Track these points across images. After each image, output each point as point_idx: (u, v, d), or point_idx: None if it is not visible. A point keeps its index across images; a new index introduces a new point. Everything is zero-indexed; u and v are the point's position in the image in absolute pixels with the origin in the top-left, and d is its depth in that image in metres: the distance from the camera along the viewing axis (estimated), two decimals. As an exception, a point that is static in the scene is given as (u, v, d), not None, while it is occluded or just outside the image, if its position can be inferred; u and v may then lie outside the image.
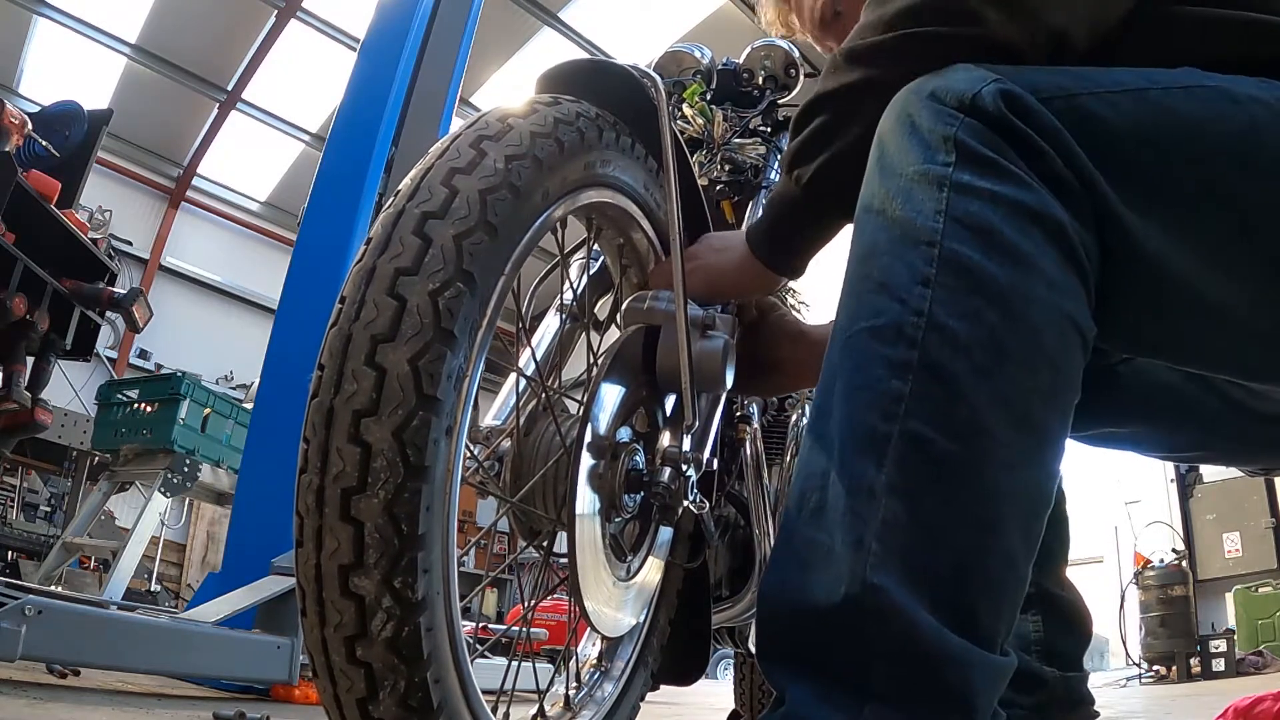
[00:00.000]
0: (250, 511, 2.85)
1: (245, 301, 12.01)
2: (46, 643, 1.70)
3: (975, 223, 0.69)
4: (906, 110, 0.76)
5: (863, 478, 0.67)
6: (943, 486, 0.66)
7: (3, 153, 3.62)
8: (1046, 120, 0.72)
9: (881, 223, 0.74)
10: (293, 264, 3.17)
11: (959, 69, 0.76)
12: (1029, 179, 0.70)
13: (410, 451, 0.68)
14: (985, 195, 0.70)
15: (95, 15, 9.59)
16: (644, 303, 1.04)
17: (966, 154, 0.71)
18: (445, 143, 0.80)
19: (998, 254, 0.68)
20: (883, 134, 0.78)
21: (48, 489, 7.49)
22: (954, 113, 0.72)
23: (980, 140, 0.71)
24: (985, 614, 0.66)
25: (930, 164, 0.72)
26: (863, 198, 0.78)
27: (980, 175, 0.70)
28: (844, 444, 0.69)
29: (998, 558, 0.67)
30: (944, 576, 0.65)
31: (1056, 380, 0.70)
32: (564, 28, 9.64)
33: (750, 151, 1.66)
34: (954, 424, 0.66)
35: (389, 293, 0.71)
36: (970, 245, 0.69)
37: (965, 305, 0.68)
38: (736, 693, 2.68)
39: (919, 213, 0.71)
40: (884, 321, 0.70)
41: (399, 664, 0.70)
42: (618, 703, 1.16)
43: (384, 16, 3.40)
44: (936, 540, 0.66)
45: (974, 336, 0.67)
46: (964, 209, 0.70)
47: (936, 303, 0.68)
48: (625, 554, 1.05)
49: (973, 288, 0.68)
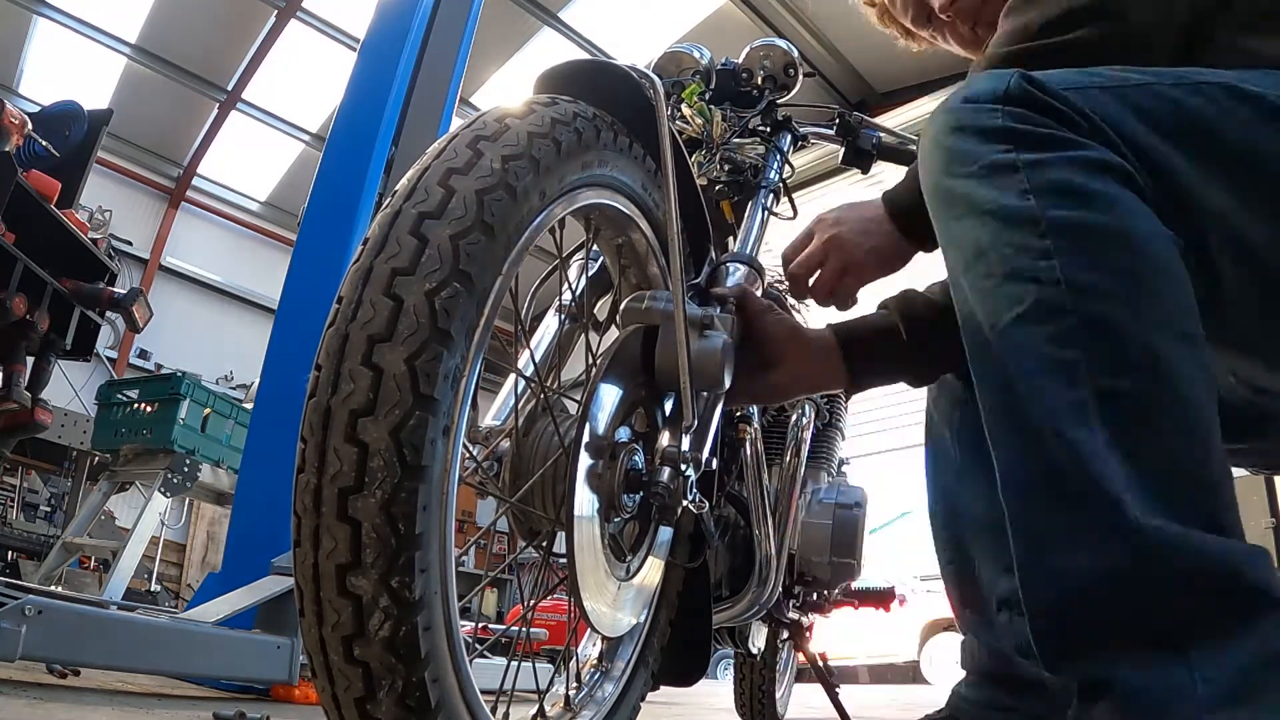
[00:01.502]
0: (250, 511, 2.85)
1: (245, 301, 12.01)
2: (46, 643, 1.70)
3: (1060, 186, 0.74)
4: (947, 123, 0.82)
5: (1085, 443, 0.69)
6: (1152, 420, 0.70)
7: (3, 153, 3.62)
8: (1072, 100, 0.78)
9: (972, 223, 0.78)
10: (293, 264, 3.17)
11: (980, 77, 0.82)
12: (1084, 140, 0.76)
13: (407, 451, 0.68)
14: (1056, 163, 0.75)
15: (95, 15, 9.60)
16: (642, 302, 1.04)
17: (1021, 136, 0.76)
18: (442, 143, 0.80)
19: (1092, 203, 0.73)
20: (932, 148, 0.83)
21: (48, 489, 7.49)
22: (993, 106, 0.78)
23: (1027, 122, 0.77)
24: (1231, 514, 0.70)
25: (993, 155, 0.77)
26: (940, 213, 0.83)
27: (1042, 149, 0.76)
28: (1048, 423, 0.71)
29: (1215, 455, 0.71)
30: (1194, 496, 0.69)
31: (1186, 289, 0.74)
32: (564, 28, 9.64)
33: (749, 151, 1.65)
34: (1134, 363, 0.70)
35: (386, 293, 0.71)
36: (1066, 206, 0.74)
37: (1092, 258, 0.73)
38: (736, 693, 2.68)
39: (1006, 199, 0.75)
40: (1027, 305, 0.73)
41: (397, 663, 0.70)
42: (618, 703, 1.16)
43: (384, 16, 3.39)
44: (1173, 468, 0.69)
45: (1113, 280, 0.72)
46: (1043, 179, 0.75)
47: (1065, 267, 0.72)
48: (625, 554, 1.05)
49: (1090, 239, 0.73)
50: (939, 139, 0.82)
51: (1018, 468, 0.76)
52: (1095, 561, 0.69)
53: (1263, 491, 7.57)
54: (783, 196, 1.64)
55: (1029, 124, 0.77)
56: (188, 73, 10.36)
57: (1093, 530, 0.69)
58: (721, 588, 1.61)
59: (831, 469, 2.13)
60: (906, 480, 8.88)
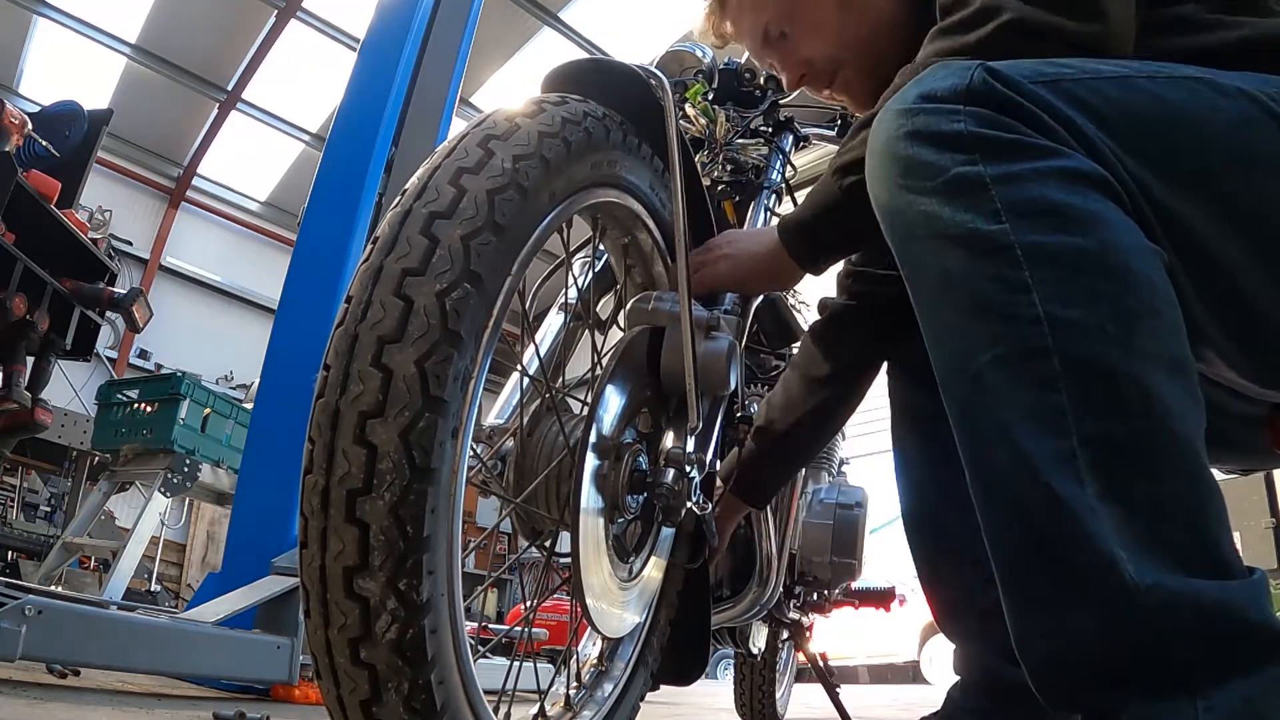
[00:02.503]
0: (250, 511, 2.84)
1: (245, 301, 12.00)
2: (46, 643, 1.70)
3: (1036, 206, 0.67)
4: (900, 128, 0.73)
5: (1075, 499, 0.64)
6: (1146, 465, 0.65)
7: (3, 153, 3.62)
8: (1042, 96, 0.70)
9: (935, 247, 0.70)
10: (293, 264, 3.16)
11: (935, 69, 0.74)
12: (1057, 146, 0.69)
13: (416, 453, 0.68)
14: (1029, 176, 0.67)
15: (95, 15, 9.59)
16: (649, 303, 1.04)
17: (987, 144, 0.68)
18: (452, 142, 0.80)
19: (1073, 224, 0.66)
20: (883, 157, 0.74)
21: (48, 489, 7.49)
22: (954, 106, 0.70)
23: (992, 125, 0.69)
24: (1227, 547, 0.66)
25: (955, 167, 0.69)
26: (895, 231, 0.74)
27: (1013, 159, 0.68)
28: (1036, 478, 0.66)
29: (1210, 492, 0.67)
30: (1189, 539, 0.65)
31: (1174, 311, 0.69)
32: (564, 28, 9.64)
33: (752, 152, 1.66)
34: (1124, 405, 0.65)
35: (396, 293, 0.71)
36: (1044, 229, 0.66)
37: (1073, 290, 0.65)
38: (736, 693, 2.68)
39: (975, 222, 0.68)
40: (1006, 346, 0.67)
41: (403, 666, 0.70)
42: (618, 703, 1.16)
43: (384, 16, 3.39)
44: (1167, 514, 0.65)
45: (1097, 313, 0.65)
46: (1018, 197, 0.67)
47: (1045, 301, 0.65)
48: (628, 555, 1.05)
49: (1070, 269, 0.66)
50: (891, 145, 0.73)
51: (1001, 522, 0.70)
52: (1093, 622, 0.65)
53: (1263, 491, 7.56)
54: (785, 197, 1.64)
55: (995, 128, 0.68)
56: (188, 73, 10.36)
57: (1089, 593, 0.65)
58: (722, 588, 1.62)
59: (832, 469, 2.13)
60: (906, 481, 8.89)
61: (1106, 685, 0.66)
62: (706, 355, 1.02)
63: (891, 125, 0.73)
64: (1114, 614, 0.64)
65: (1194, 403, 0.68)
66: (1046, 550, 0.67)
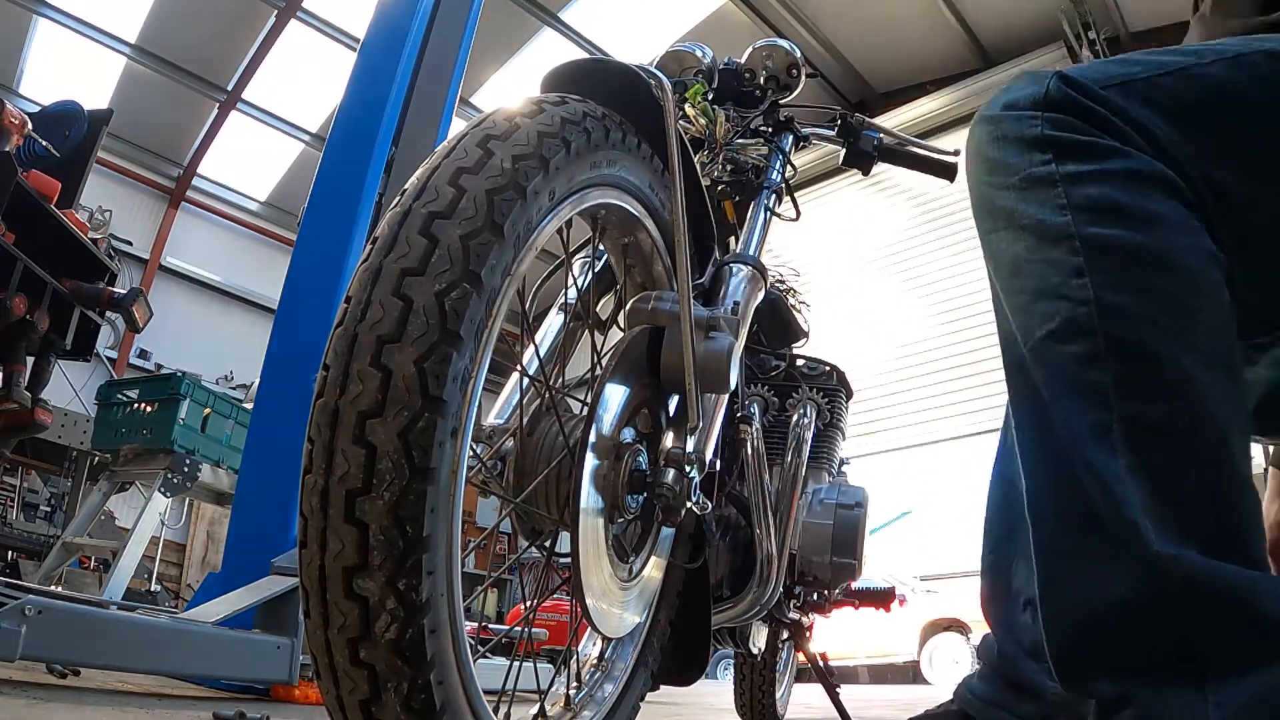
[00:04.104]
0: (250, 511, 2.84)
1: (245, 301, 12.00)
2: (46, 643, 1.70)
3: (1098, 202, 0.72)
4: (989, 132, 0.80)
5: (1107, 469, 0.69)
6: (1177, 449, 0.69)
7: (3, 153, 3.62)
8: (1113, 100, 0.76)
9: (1012, 237, 0.77)
10: (293, 264, 3.16)
11: (1013, 80, 0.81)
12: (1124, 148, 0.74)
13: (416, 453, 0.68)
14: (1096, 176, 0.73)
15: (95, 15, 9.59)
16: (649, 303, 1.04)
17: (1060, 145, 0.75)
18: (452, 142, 0.80)
19: (1131, 221, 0.72)
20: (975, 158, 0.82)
21: (48, 489, 7.49)
22: (1032, 113, 0.76)
23: (1066, 129, 0.75)
24: (1255, 539, 0.69)
25: (1031, 167, 0.76)
26: (982, 224, 0.82)
27: (1082, 159, 0.74)
28: (1075, 447, 0.71)
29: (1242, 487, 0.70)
30: (1215, 523, 0.68)
31: (1224, 312, 0.73)
32: (564, 28, 9.65)
33: (752, 152, 1.66)
34: (1162, 389, 0.69)
35: (395, 293, 0.71)
36: (1104, 223, 0.72)
37: (1124, 278, 0.71)
38: (736, 693, 2.68)
39: (1043, 214, 0.74)
40: (1058, 323, 0.73)
41: (402, 666, 0.70)
42: (618, 702, 1.16)
43: (384, 16, 3.39)
44: (1196, 498, 0.68)
45: (1145, 302, 0.70)
46: (1082, 194, 0.73)
47: (1097, 286, 0.71)
48: (628, 555, 1.05)
49: (1125, 260, 0.71)
50: (981, 149, 0.81)
51: (1041, 487, 0.76)
52: (1112, 587, 0.68)
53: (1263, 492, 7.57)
54: (785, 197, 1.64)
55: (1069, 130, 0.75)
56: (188, 73, 10.36)
57: (1110, 555, 0.69)
58: (723, 588, 1.61)
59: (832, 469, 2.13)
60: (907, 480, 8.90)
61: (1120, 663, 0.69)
62: (706, 355, 1.02)
63: (981, 132, 0.82)
64: (1133, 580, 0.67)
65: (1233, 399, 0.71)
66: (1075, 509, 0.71)
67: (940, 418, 9.02)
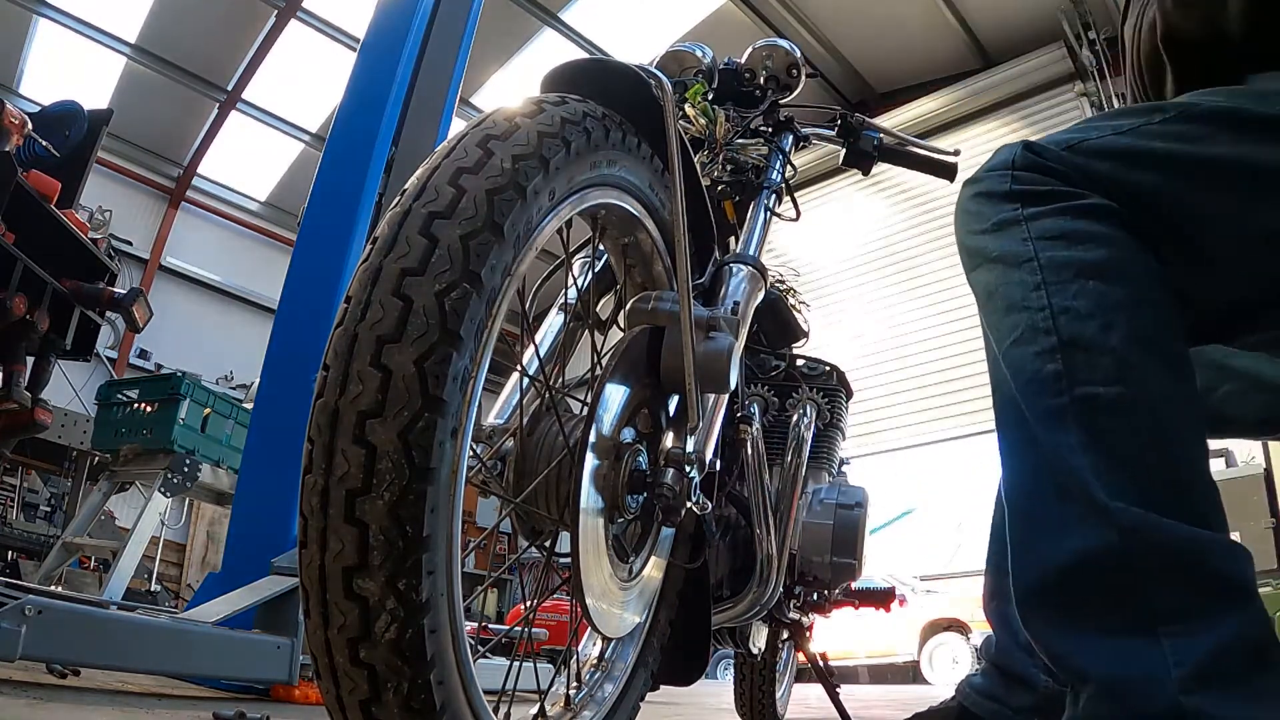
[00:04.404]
0: (250, 511, 2.84)
1: (245, 301, 12.00)
2: (46, 643, 1.70)
3: (1056, 231, 0.87)
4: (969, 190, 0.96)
5: (1064, 444, 0.80)
6: (1122, 420, 0.79)
7: (3, 153, 3.61)
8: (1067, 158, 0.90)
9: (987, 269, 0.91)
10: (293, 264, 3.16)
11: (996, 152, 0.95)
12: (1081, 191, 0.88)
13: (416, 453, 0.68)
14: (1055, 212, 0.88)
15: (95, 15, 9.59)
16: (649, 303, 1.04)
17: (1027, 195, 0.89)
18: (452, 142, 0.80)
19: (1082, 243, 0.85)
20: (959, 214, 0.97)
21: (48, 489, 7.48)
22: (1004, 173, 0.92)
23: (1031, 182, 0.90)
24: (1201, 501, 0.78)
25: (1003, 214, 0.90)
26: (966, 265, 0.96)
27: (1044, 202, 0.88)
28: (1039, 430, 0.82)
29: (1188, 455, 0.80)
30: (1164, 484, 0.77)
31: (1160, 310, 0.85)
32: (564, 28, 9.65)
33: (752, 152, 1.66)
34: (1106, 372, 0.80)
35: (395, 293, 0.71)
36: (1059, 247, 0.86)
37: (1074, 286, 0.84)
38: (736, 693, 2.68)
39: (1011, 246, 0.89)
40: (1021, 330, 0.86)
41: (402, 666, 0.70)
42: (618, 702, 1.16)
43: (384, 16, 3.39)
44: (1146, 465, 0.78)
45: (1091, 303, 0.83)
46: (1043, 228, 0.87)
47: (1052, 295, 0.84)
48: (628, 555, 1.05)
49: (1074, 272, 0.84)
50: (964, 204, 0.96)
51: (1012, 468, 0.87)
52: (1069, 542, 0.78)
53: (1263, 492, 7.56)
54: (785, 197, 1.64)
55: (1033, 185, 0.89)
56: (188, 73, 10.36)
57: (1067, 515, 0.79)
58: (723, 588, 1.61)
59: (832, 469, 2.13)
60: (907, 480, 8.90)
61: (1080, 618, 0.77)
62: (706, 355, 1.02)
63: (965, 192, 0.97)
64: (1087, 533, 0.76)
65: (1175, 381, 0.82)
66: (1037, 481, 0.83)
67: (940, 418, 9.02)
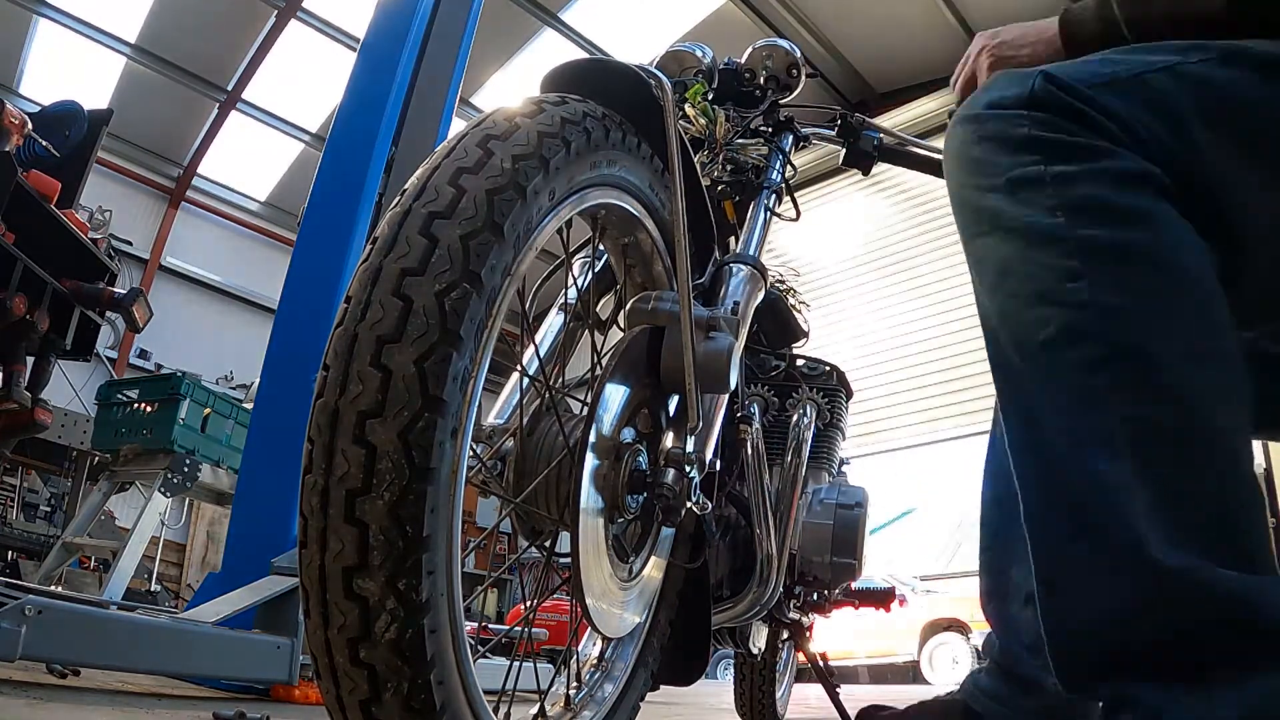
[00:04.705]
0: (250, 511, 2.84)
1: (245, 301, 12.00)
2: (46, 643, 1.70)
3: (1089, 203, 0.71)
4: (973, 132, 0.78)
5: (1109, 474, 0.68)
6: (1180, 451, 0.68)
7: (3, 153, 3.61)
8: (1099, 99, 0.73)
9: (998, 240, 0.75)
10: (293, 264, 3.16)
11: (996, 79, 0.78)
12: (1113, 148, 0.72)
13: (416, 453, 0.68)
14: (1086, 176, 0.72)
15: (95, 15, 9.59)
16: (649, 303, 1.04)
17: (1049, 146, 0.73)
18: (452, 142, 0.80)
19: (1121, 221, 0.70)
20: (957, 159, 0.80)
21: (48, 489, 7.49)
22: (1019, 113, 0.74)
23: (1054, 129, 0.73)
24: (1258, 545, 0.68)
25: (1019, 168, 0.74)
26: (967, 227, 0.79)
27: (1071, 160, 0.72)
28: (1071, 453, 0.70)
29: (1244, 486, 0.69)
30: (1216, 528, 0.67)
31: (1220, 310, 0.72)
32: (564, 28, 9.64)
33: (752, 152, 1.66)
34: (1164, 392, 0.68)
35: (395, 293, 0.71)
36: (1097, 225, 0.71)
37: (1120, 281, 0.70)
38: (736, 693, 2.68)
39: (1034, 216, 0.72)
40: (1054, 329, 0.71)
41: (402, 666, 0.70)
42: (618, 702, 1.16)
43: (384, 16, 3.39)
44: (1199, 501, 0.68)
45: (1142, 303, 0.69)
46: (1073, 194, 0.71)
47: (1094, 290, 0.70)
48: (628, 555, 1.05)
49: (1120, 261, 0.70)
50: (964, 149, 0.79)
51: (1039, 497, 0.74)
52: (1113, 597, 0.68)
53: (1263, 492, 7.57)
54: (785, 197, 1.64)
55: (1057, 131, 0.73)
56: (188, 73, 10.36)
57: (1113, 566, 0.68)
58: (723, 588, 1.61)
59: (832, 469, 2.13)
60: (907, 480, 8.89)
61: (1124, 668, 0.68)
62: (706, 355, 1.02)
63: (963, 132, 0.79)
64: (1137, 592, 0.66)
65: (1231, 396, 0.71)
66: (1075, 520, 0.70)
67: (940, 418, 9.02)
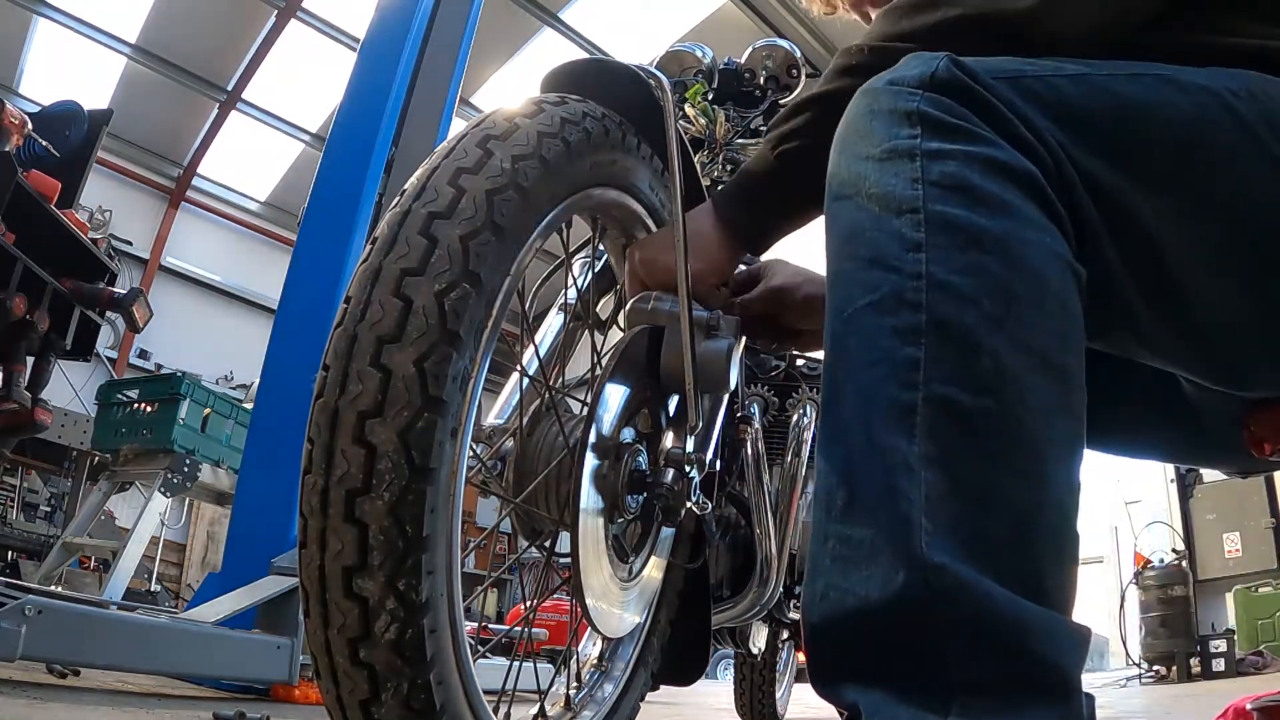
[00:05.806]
0: (250, 511, 2.85)
1: (245, 301, 11.99)
2: (46, 643, 1.70)
3: (954, 182, 0.68)
4: (864, 103, 0.75)
5: (895, 453, 0.62)
6: (981, 443, 0.62)
7: (3, 153, 3.61)
8: (999, 90, 0.71)
9: (857, 204, 0.72)
10: (293, 264, 3.17)
11: (911, 59, 0.75)
12: (996, 138, 0.69)
13: (415, 453, 0.68)
14: (958, 155, 0.68)
15: (95, 15, 9.58)
16: (649, 303, 1.04)
17: (932, 123, 0.70)
18: (451, 142, 0.80)
19: (983, 207, 0.67)
20: (843, 129, 0.76)
21: (48, 489, 7.48)
22: (914, 90, 0.71)
23: (943, 109, 0.70)
24: (1051, 574, 0.62)
25: (897, 139, 0.70)
26: (831, 189, 0.76)
27: (949, 139, 0.69)
28: (867, 425, 0.65)
29: (1051, 511, 0.63)
30: (1004, 540, 0.61)
31: (1067, 320, 0.68)
32: (564, 28, 9.64)
33: (751, 152, 1.66)
34: (978, 378, 0.63)
35: (395, 293, 0.71)
36: (953, 203, 0.67)
37: (963, 259, 0.66)
38: (736, 693, 2.68)
39: (895, 185, 0.69)
40: (882, 294, 0.67)
41: (402, 666, 0.70)
42: (618, 703, 1.16)
43: (384, 16, 3.39)
44: (988, 503, 0.61)
45: (979, 287, 0.65)
46: (940, 171, 0.68)
47: (933, 262, 0.66)
48: (627, 555, 1.05)
49: (966, 242, 0.66)
50: (853, 120, 0.75)
51: (823, 467, 0.69)
52: (870, 588, 0.62)
53: (1263, 492, 7.56)
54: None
55: (943, 111, 0.70)
56: (188, 73, 10.35)
57: (875, 551, 0.62)
58: (723, 588, 1.61)
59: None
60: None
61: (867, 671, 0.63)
62: (706, 355, 1.02)
63: (858, 103, 0.76)
64: (892, 581, 0.61)
65: (1059, 408, 0.65)
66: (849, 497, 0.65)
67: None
